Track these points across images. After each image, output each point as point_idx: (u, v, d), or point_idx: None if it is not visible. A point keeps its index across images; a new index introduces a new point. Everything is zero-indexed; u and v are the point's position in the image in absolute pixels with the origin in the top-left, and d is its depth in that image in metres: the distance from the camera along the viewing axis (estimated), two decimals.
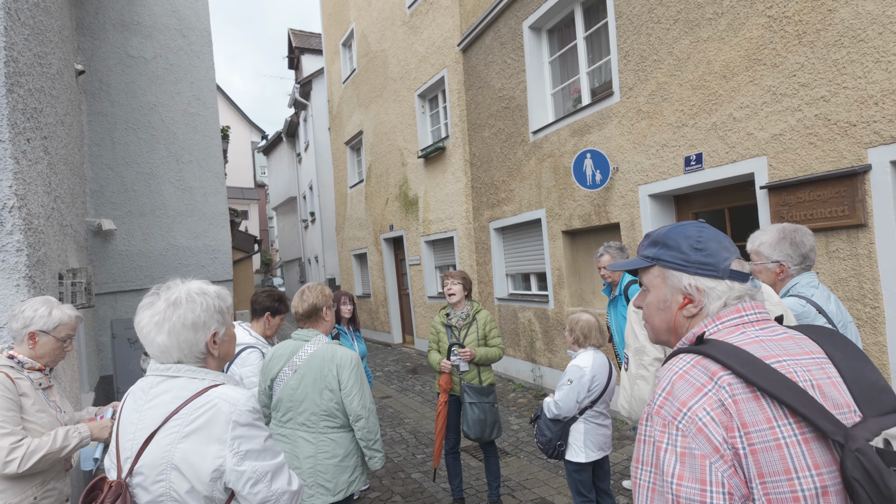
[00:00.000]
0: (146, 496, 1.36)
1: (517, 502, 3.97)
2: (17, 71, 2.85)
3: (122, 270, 7.07)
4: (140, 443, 1.37)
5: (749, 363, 0.89)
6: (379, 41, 11.52)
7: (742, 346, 0.93)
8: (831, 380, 0.91)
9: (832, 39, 3.62)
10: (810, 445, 0.84)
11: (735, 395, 0.87)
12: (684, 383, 0.91)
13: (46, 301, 2.21)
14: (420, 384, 8.12)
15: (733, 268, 1.02)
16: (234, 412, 1.36)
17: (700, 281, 1.03)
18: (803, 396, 0.85)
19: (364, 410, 2.49)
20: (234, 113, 27.11)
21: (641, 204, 5.30)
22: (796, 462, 0.83)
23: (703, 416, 0.87)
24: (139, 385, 1.47)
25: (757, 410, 0.86)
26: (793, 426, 0.85)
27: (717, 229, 1.10)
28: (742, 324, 0.99)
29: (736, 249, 1.06)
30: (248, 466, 1.36)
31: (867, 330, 3.53)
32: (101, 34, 7.06)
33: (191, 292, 1.45)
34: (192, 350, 1.43)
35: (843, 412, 0.87)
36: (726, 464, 0.84)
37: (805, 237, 2.16)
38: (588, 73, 6.29)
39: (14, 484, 1.99)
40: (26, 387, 2.08)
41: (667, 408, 0.91)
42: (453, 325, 3.71)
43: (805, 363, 0.92)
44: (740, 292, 1.01)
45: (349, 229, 14.19)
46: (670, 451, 0.87)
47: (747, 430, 0.85)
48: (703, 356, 0.93)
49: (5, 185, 2.57)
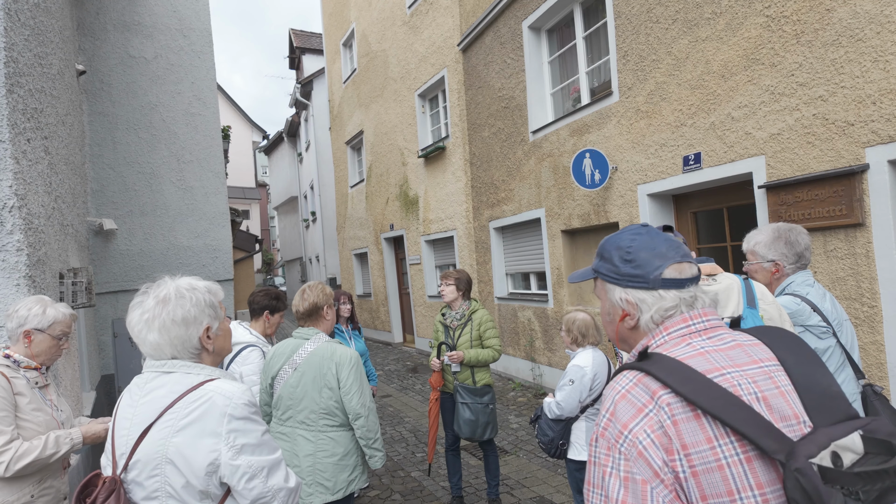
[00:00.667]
0: (141, 492, 1.35)
1: (516, 500, 3.99)
2: (17, 71, 2.87)
3: (123, 270, 7.09)
4: (134, 438, 1.36)
5: (689, 380, 0.85)
6: (379, 41, 11.53)
7: (686, 359, 0.90)
8: (780, 389, 0.87)
9: (830, 39, 3.62)
10: (753, 464, 0.81)
11: (674, 415, 0.84)
12: (626, 403, 0.89)
13: (40, 300, 2.22)
14: (420, 383, 8.13)
15: (666, 276, 0.97)
16: (230, 405, 1.35)
17: (631, 294, 1.00)
18: (745, 413, 0.82)
19: (363, 409, 2.50)
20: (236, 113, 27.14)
21: (640, 203, 5.31)
22: (738, 483, 0.80)
23: (644, 438, 0.85)
24: (135, 381, 1.46)
25: (697, 430, 0.83)
26: (734, 445, 0.82)
27: (661, 231, 1.05)
28: (688, 334, 0.95)
29: (678, 253, 1.00)
30: (243, 461, 1.35)
31: (865, 329, 3.54)
32: (102, 34, 7.08)
33: (180, 288, 1.43)
34: (184, 346, 1.41)
35: (792, 424, 0.84)
36: (667, 488, 0.82)
37: (800, 236, 2.18)
38: (587, 73, 6.30)
39: (10, 482, 2.00)
40: (22, 386, 2.09)
41: (610, 430, 0.89)
42: (448, 325, 3.72)
43: (752, 374, 0.88)
44: (673, 301, 0.96)
45: (350, 229, 14.21)
46: (614, 476, 0.86)
47: (688, 451, 0.82)
48: (644, 373, 0.91)
49: (5, 185, 2.58)
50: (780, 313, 1.66)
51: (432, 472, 4.63)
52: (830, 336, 2.05)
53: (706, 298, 0.99)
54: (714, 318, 0.98)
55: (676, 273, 0.97)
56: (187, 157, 7.62)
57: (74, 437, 2.15)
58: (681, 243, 1.01)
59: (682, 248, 1.00)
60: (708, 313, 0.97)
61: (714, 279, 1.65)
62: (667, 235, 1.02)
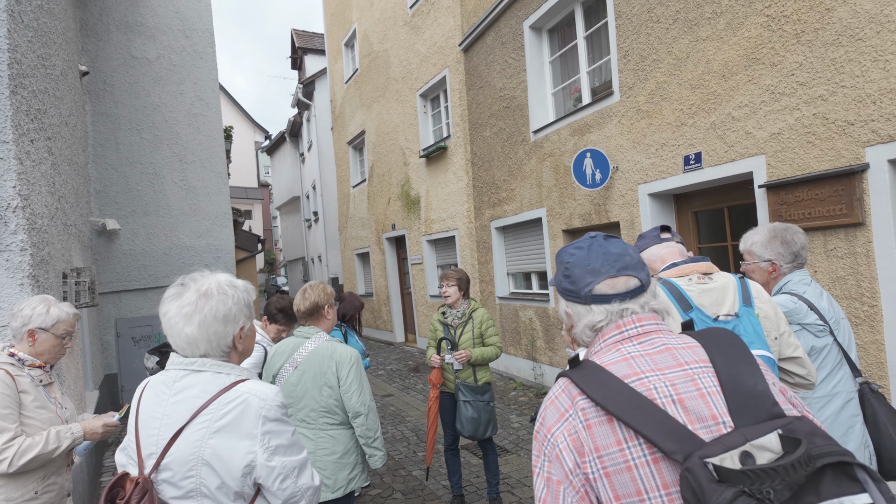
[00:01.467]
0: (174, 491, 1.34)
1: (517, 499, 4.00)
2: (20, 73, 2.89)
3: (126, 270, 7.13)
4: (167, 439, 1.34)
5: (603, 386, 0.90)
6: (381, 41, 11.55)
7: (610, 364, 0.94)
8: (700, 391, 0.88)
9: (830, 38, 3.63)
10: (660, 465, 0.83)
11: (588, 419, 0.88)
12: (553, 409, 0.95)
13: (44, 299, 2.24)
14: (422, 382, 8.15)
15: (596, 291, 1.01)
16: (264, 407, 1.35)
17: (571, 307, 1.07)
18: (651, 416, 0.84)
19: (363, 407, 2.52)
20: (238, 113, 27.21)
21: (641, 203, 5.31)
22: (646, 483, 0.83)
23: (561, 442, 0.90)
24: (160, 379, 1.43)
25: (609, 433, 0.86)
26: (642, 447, 0.84)
27: (603, 243, 1.08)
28: (620, 340, 0.99)
29: (614, 267, 1.03)
30: (277, 462, 1.36)
31: (865, 328, 3.54)
32: (105, 35, 7.12)
33: (222, 284, 1.42)
34: (219, 343, 1.40)
35: (709, 425, 0.85)
36: (574, 490, 0.87)
37: (796, 235, 2.18)
38: (588, 73, 6.31)
39: (15, 478, 2.02)
40: (26, 384, 2.11)
41: (540, 433, 0.95)
42: (449, 324, 3.74)
43: (672, 377, 0.90)
44: (601, 314, 1.01)
45: (352, 229, 14.24)
46: (540, 476, 0.92)
47: (600, 453, 0.86)
48: (570, 381, 0.95)
49: (9, 186, 2.61)
50: (776, 312, 1.67)
51: (431, 473, 4.64)
52: (827, 335, 2.06)
53: (638, 308, 1.02)
54: (650, 323, 1.01)
55: (607, 289, 1.02)
56: (190, 158, 7.65)
57: (75, 432, 2.18)
58: (622, 255, 1.04)
59: (620, 262, 1.03)
60: (643, 319, 1.01)
61: (710, 278, 1.66)
62: (607, 249, 1.05)
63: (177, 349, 1.41)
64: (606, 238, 1.08)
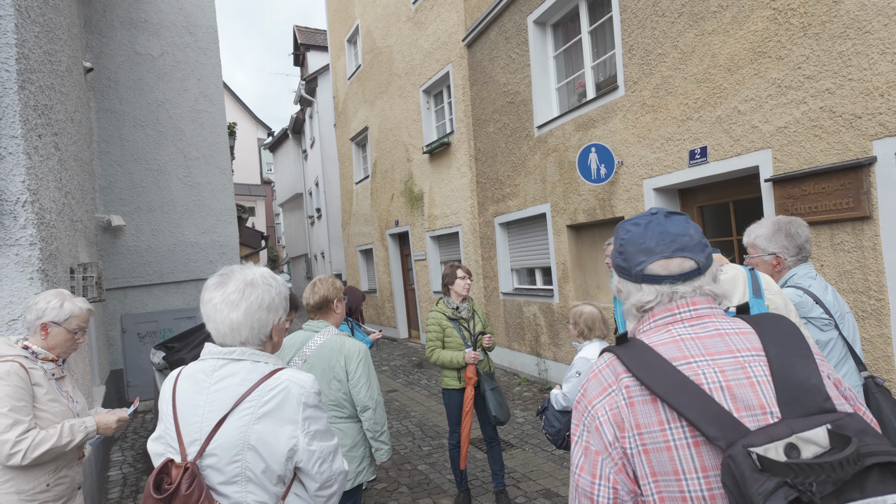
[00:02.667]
0: (219, 477, 1.37)
1: (522, 493, 4.01)
2: (28, 68, 2.90)
3: (131, 266, 7.15)
4: (211, 425, 1.38)
5: (650, 367, 0.91)
6: (384, 37, 11.53)
7: (658, 345, 0.95)
8: (750, 380, 0.88)
9: (837, 31, 3.61)
10: (700, 449, 0.85)
11: (631, 397, 0.90)
12: (595, 382, 0.97)
13: (59, 294, 2.25)
14: (426, 378, 8.17)
15: (648, 272, 1.00)
16: (304, 394, 1.42)
17: (622, 283, 1.07)
18: (697, 400, 0.85)
19: (371, 401, 2.53)
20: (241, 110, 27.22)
21: (646, 198, 5.31)
22: (684, 464, 0.85)
23: (601, 415, 0.93)
24: (198, 367, 1.47)
25: (652, 413, 0.88)
26: (684, 429, 0.86)
27: (662, 220, 1.04)
28: (672, 322, 0.99)
29: (670, 248, 1.00)
30: (316, 446, 1.42)
31: (871, 322, 3.54)
32: (109, 32, 7.13)
33: (265, 276, 1.50)
34: (260, 331, 1.46)
35: (755, 413, 0.85)
36: (613, 461, 0.90)
37: (800, 228, 2.18)
38: (593, 68, 6.29)
39: (26, 471, 2.03)
40: (39, 377, 2.12)
41: (581, 404, 0.98)
42: (462, 318, 3.74)
43: (721, 363, 0.90)
44: (650, 295, 1.01)
45: (355, 225, 14.25)
46: (578, 445, 0.96)
47: (640, 430, 0.88)
48: (615, 357, 0.97)
49: (18, 181, 2.62)
50: (786, 303, 1.67)
51: (436, 467, 4.65)
52: (832, 328, 2.06)
53: (690, 292, 1.00)
54: (704, 307, 1.00)
55: (660, 269, 1.00)
56: (194, 154, 7.67)
57: (88, 426, 2.19)
58: (681, 235, 1.00)
59: (678, 242, 1.00)
60: (697, 302, 1.00)
61: (720, 269, 1.66)
62: (666, 227, 1.02)
63: (216, 336, 1.45)
64: (667, 216, 1.05)
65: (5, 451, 1.93)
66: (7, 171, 2.58)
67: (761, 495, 0.71)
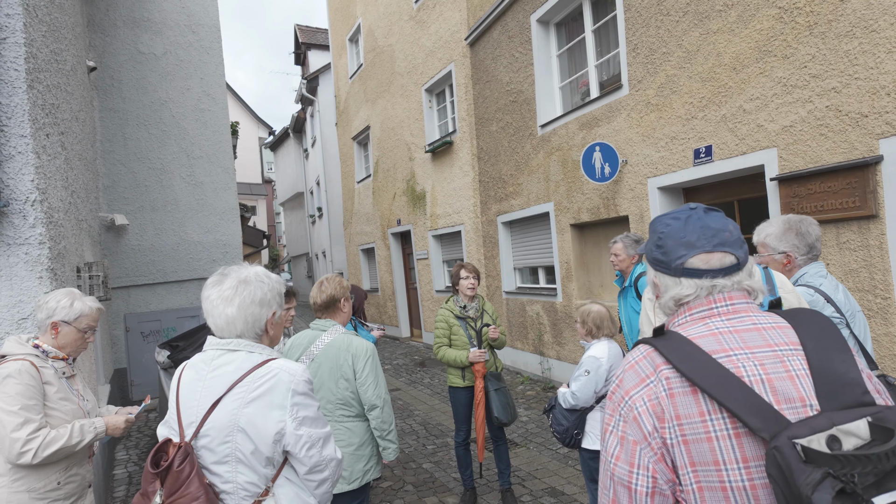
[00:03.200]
0: (212, 456, 1.47)
1: (528, 492, 4.02)
2: (36, 67, 2.90)
3: (134, 265, 7.16)
4: (206, 408, 1.48)
5: (690, 359, 0.92)
6: (386, 36, 11.53)
7: (697, 338, 0.95)
8: (790, 373, 0.90)
9: (844, 30, 3.61)
10: (741, 440, 0.86)
11: (671, 388, 0.92)
12: (632, 373, 0.98)
13: (70, 293, 2.26)
14: (429, 377, 8.18)
15: (689, 265, 1.00)
16: (293, 381, 1.50)
17: (659, 277, 1.07)
18: (739, 392, 0.86)
19: (379, 400, 2.54)
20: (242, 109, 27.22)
21: (650, 197, 5.31)
22: (725, 455, 0.86)
23: (640, 405, 0.93)
24: (199, 358, 1.58)
25: (692, 404, 0.89)
26: (725, 421, 0.87)
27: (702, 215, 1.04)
28: (709, 316, 1.00)
29: (711, 242, 1.01)
30: (304, 431, 1.50)
31: (878, 320, 3.54)
32: (112, 31, 7.13)
33: (259, 274, 1.60)
34: (254, 325, 1.56)
35: (795, 406, 0.87)
36: (652, 451, 0.91)
37: (811, 227, 2.18)
38: (596, 67, 6.29)
39: (38, 469, 2.04)
40: (50, 375, 2.13)
41: (616, 394, 0.99)
42: (469, 317, 3.73)
43: (761, 356, 0.91)
44: (690, 289, 1.01)
45: (357, 224, 14.25)
46: (613, 434, 0.96)
47: (680, 421, 0.89)
48: (653, 348, 0.98)
49: (27, 180, 2.63)
50: (800, 301, 1.68)
51: (441, 465, 4.66)
52: (844, 327, 2.06)
53: (729, 285, 1.00)
54: (740, 301, 1.00)
55: (701, 263, 1.00)
56: (197, 153, 7.67)
57: (98, 427, 2.19)
58: (721, 231, 1.01)
59: (718, 237, 1.01)
60: (734, 297, 1.00)
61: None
62: (706, 222, 1.02)
63: (215, 330, 1.56)
64: (707, 211, 1.05)
65: (16, 449, 1.93)
66: (17, 171, 2.58)
67: (809, 486, 0.73)
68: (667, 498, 0.90)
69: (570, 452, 4.69)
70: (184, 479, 1.40)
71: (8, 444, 1.93)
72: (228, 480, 1.47)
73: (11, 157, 2.57)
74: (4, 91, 2.58)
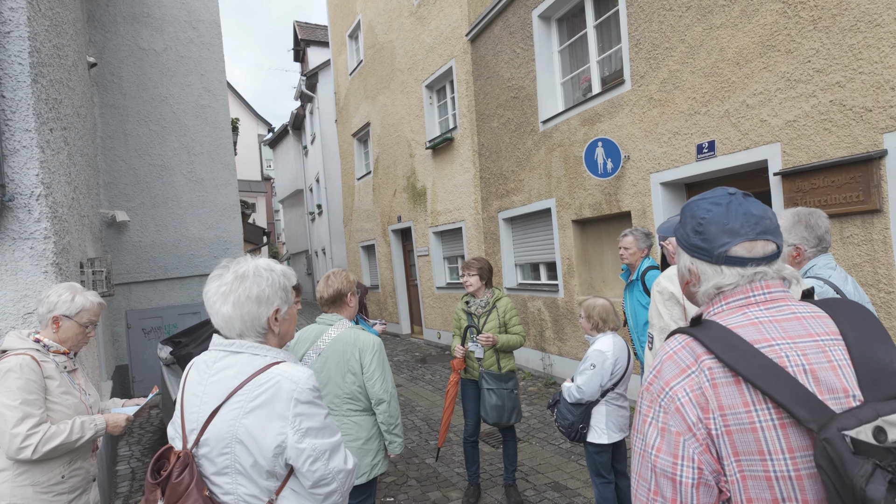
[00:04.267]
0: (212, 467, 1.40)
1: (531, 486, 4.03)
2: (40, 62, 2.89)
3: (135, 261, 7.15)
4: (205, 416, 1.40)
5: (733, 348, 0.90)
6: (386, 32, 11.50)
7: (736, 328, 0.94)
8: (832, 363, 0.89)
9: (848, 24, 3.61)
10: (787, 430, 0.86)
11: (714, 378, 0.90)
12: (672, 363, 0.96)
13: (71, 287, 2.25)
14: (430, 373, 8.18)
15: (732, 253, 0.98)
16: (296, 390, 1.38)
17: (696, 264, 1.04)
18: (784, 383, 0.86)
19: (386, 394, 2.54)
20: (241, 106, 27.16)
21: (653, 192, 5.31)
22: (770, 445, 0.86)
23: (682, 396, 0.92)
24: (203, 359, 1.50)
25: (736, 394, 0.88)
26: (770, 411, 0.86)
27: (743, 201, 1.02)
28: (746, 305, 0.98)
29: (754, 230, 0.99)
30: (308, 444, 1.38)
31: (881, 315, 3.55)
32: (112, 27, 7.10)
33: (258, 267, 1.47)
34: (253, 324, 1.44)
35: (839, 397, 0.86)
36: (698, 442, 0.89)
37: (820, 220, 2.18)
38: (598, 62, 6.28)
39: (41, 463, 2.03)
40: (52, 369, 2.12)
41: (655, 385, 0.97)
42: (473, 313, 3.73)
43: (803, 346, 0.91)
44: (732, 278, 0.99)
45: (357, 221, 14.24)
46: (653, 426, 0.94)
47: (724, 412, 0.88)
48: (693, 338, 0.96)
49: (32, 174, 2.62)
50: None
51: (443, 460, 4.67)
52: None
53: (772, 273, 0.99)
54: (778, 290, 0.99)
55: (744, 252, 0.98)
56: (198, 150, 7.65)
57: (98, 424, 2.18)
58: (763, 218, 1.00)
59: (761, 224, 0.99)
60: (772, 286, 0.99)
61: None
62: (748, 209, 1.00)
63: (218, 328, 1.47)
64: (746, 196, 1.03)
65: (16, 444, 1.93)
66: (21, 165, 2.57)
67: (863, 478, 0.73)
68: (711, 489, 0.90)
69: (573, 447, 4.70)
70: (182, 491, 1.34)
71: (8, 440, 1.93)
72: (229, 492, 1.38)
73: (16, 151, 2.57)
74: (9, 85, 2.57)
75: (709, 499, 0.89)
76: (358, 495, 2.62)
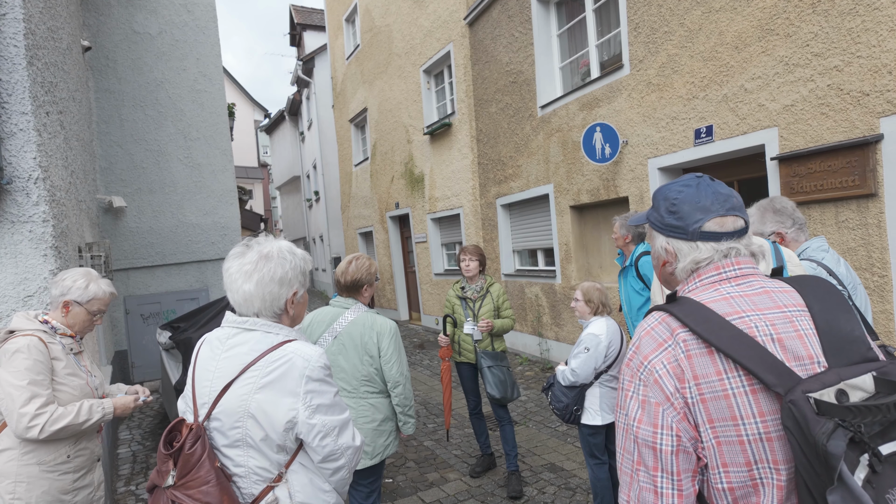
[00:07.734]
0: (223, 440, 1.44)
1: (528, 468, 4.09)
2: (35, 44, 2.87)
3: (133, 247, 7.14)
4: (217, 390, 1.43)
5: (706, 321, 0.95)
6: (383, 16, 11.38)
7: (709, 302, 0.99)
8: (798, 332, 0.95)
9: (846, 8, 3.59)
10: (757, 396, 0.91)
11: (689, 350, 0.95)
12: (649, 339, 1.01)
13: (87, 273, 2.26)
14: (428, 359, 8.25)
15: (706, 229, 1.04)
16: (308, 367, 1.42)
17: (672, 243, 1.08)
18: (753, 351, 0.91)
19: (402, 377, 2.58)
20: (237, 91, 26.92)
21: (651, 177, 5.32)
22: (742, 410, 0.91)
23: (660, 368, 0.97)
24: (216, 335, 1.53)
25: (709, 364, 0.93)
26: (742, 378, 0.91)
27: (710, 182, 1.09)
28: (719, 281, 1.03)
29: (724, 206, 1.05)
30: (318, 420, 1.42)
31: (875, 298, 3.58)
32: (106, 10, 7.01)
33: (282, 250, 1.51)
34: (273, 304, 1.48)
35: (805, 363, 0.92)
36: (676, 411, 0.94)
37: (783, 202, 2.25)
38: (597, 46, 6.24)
39: (47, 442, 2.06)
40: (58, 351, 2.14)
41: (634, 360, 1.02)
42: (468, 298, 3.84)
43: (771, 317, 0.96)
44: (707, 253, 1.04)
45: (354, 208, 14.22)
46: (634, 399, 0.99)
47: (698, 381, 0.93)
48: (668, 314, 1.01)
49: (29, 157, 2.61)
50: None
51: (441, 443, 4.73)
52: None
53: (743, 249, 1.04)
54: (748, 266, 1.04)
55: (717, 227, 1.04)
56: (194, 135, 7.60)
57: (106, 408, 2.21)
58: (730, 196, 1.06)
59: (730, 202, 1.05)
60: (742, 262, 1.04)
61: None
62: (716, 188, 1.06)
63: (234, 305, 1.49)
64: (712, 179, 1.10)
65: (23, 424, 1.95)
66: (19, 148, 2.57)
67: (825, 434, 0.78)
68: (690, 455, 0.94)
69: (569, 430, 4.76)
70: (195, 462, 1.37)
71: (16, 419, 1.96)
72: (240, 464, 1.43)
73: (13, 134, 2.56)
74: (4, 67, 2.55)
75: (688, 465, 0.94)
76: (368, 476, 2.64)
